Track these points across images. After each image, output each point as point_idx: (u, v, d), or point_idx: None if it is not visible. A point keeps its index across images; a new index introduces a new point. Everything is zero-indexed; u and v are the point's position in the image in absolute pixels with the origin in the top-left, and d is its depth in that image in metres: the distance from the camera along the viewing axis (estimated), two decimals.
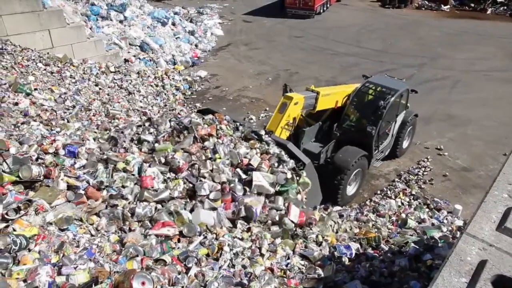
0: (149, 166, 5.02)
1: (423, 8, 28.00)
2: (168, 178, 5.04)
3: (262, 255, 4.01)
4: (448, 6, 27.94)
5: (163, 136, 5.89)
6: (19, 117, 6.62)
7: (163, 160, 5.27)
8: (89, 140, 5.61)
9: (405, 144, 9.90)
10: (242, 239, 4.27)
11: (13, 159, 4.26)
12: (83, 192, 4.21)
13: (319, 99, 8.10)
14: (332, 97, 8.61)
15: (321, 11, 25.50)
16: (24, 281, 2.88)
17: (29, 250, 3.27)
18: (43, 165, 4.33)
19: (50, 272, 2.91)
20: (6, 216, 3.46)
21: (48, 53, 11.51)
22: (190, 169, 5.24)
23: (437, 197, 8.24)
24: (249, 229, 4.60)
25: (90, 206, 4.08)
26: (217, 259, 3.64)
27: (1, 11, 10.53)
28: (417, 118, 9.98)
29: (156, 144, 5.65)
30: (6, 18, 10.66)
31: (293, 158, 6.43)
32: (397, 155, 9.79)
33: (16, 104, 7.08)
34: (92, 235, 3.79)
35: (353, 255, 4.77)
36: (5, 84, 7.47)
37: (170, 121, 6.38)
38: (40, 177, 4.14)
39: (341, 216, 6.90)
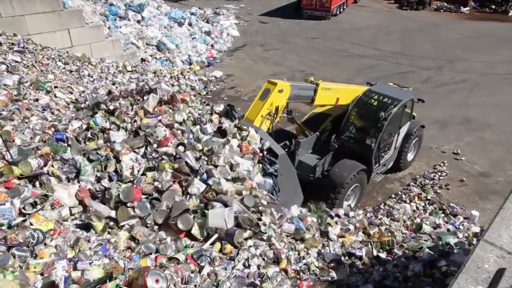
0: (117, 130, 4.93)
1: (442, 10, 27.63)
2: (152, 158, 4.73)
3: (277, 257, 3.99)
4: (468, 8, 27.51)
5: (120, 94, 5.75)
6: (35, 110, 6.74)
7: (129, 127, 5.17)
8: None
9: (410, 156, 9.41)
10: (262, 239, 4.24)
11: (18, 150, 4.32)
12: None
13: (318, 91, 7.61)
14: (333, 92, 8.11)
15: (338, 12, 25.37)
16: (41, 274, 2.94)
17: (45, 245, 3.34)
18: (41, 157, 4.34)
19: (66, 266, 2.96)
20: (23, 210, 3.53)
21: (67, 52, 11.72)
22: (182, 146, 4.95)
23: (453, 202, 8.10)
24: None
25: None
26: (232, 259, 3.65)
27: (24, 11, 10.78)
28: (423, 129, 9.47)
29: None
30: (28, 18, 10.90)
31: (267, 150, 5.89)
32: (401, 168, 9.31)
33: (37, 100, 7.23)
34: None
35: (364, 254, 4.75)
36: (26, 82, 7.63)
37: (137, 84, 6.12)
38: (41, 169, 4.17)
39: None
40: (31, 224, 3.48)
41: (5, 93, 6.48)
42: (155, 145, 4.93)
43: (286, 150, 7.85)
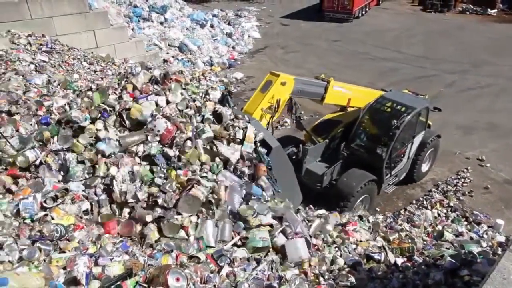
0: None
1: (468, 13, 27.01)
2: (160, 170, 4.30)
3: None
4: (496, 10, 26.82)
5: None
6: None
7: (117, 107, 4.80)
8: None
9: (424, 167, 9.02)
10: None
11: (19, 138, 4.40)
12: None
13: (328, 89, 7.35)
14: (344, 92, 7.85)
15: (360, 15, 25.15)
16: (64, 268, 3.01)
17: (68, 240, 3.41)
18: (38, 148, 4.34)
19: (87, 263, 3.03)
20: (44, 204, 3.62)
21: (92, 52, 11.99)
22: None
23: (477, 210, 7.90)
24: None
25: None
26: (258, 261, 3.65)
27: (52, 13, 11.10)
28: (439, 139, 8.99)
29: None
30: (56, 19, 11.21)
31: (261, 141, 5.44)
32: (414, 180, 8.90)
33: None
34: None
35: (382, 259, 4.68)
36: (55, 81, 7.84)
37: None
38: (39, 159, 4.18)
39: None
40: (52, 218, 3.54)
41: (35, 91, 6.67)
42: (156, 140, 4.51)
43: (294, 157, 7.62)
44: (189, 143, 4.60)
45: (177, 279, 2.79)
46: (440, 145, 9.27)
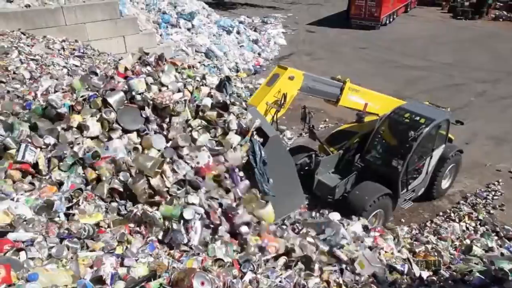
0: None
1: (501, 20, 26.19)
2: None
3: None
4: None
5: None
6: None
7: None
8: None
9: (444, 184, 8.59)
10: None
11: (3, 124, 4.34)
12: None
13: (344, 90, 7.11)
14: (362, 95, 7.57)
15: (387, 22, 24.83)
16: (91, 267, 3.08)
17: (93, 239, 3.49)
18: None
19: (114, 264, 3.09)
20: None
21: (121, 57, 12.32)
22: None
23: (509, 224, 7.59)
24: None
25: None
26: (289, 267, 3.65)
27: (85, 19, 11.52)
28: (461, 154, 8.57)
29: None
30: (88, 25, 11.62)
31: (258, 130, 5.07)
32: (433, 197, 8.48)
33: None
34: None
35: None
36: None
37: None
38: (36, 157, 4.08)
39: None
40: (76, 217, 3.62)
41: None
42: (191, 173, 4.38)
43: (306, 168, 7.51)
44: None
45: (202, 283, 2.82)
46: (470, 156, 9.00)
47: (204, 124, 4.90)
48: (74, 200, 3.76)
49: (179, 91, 4.91)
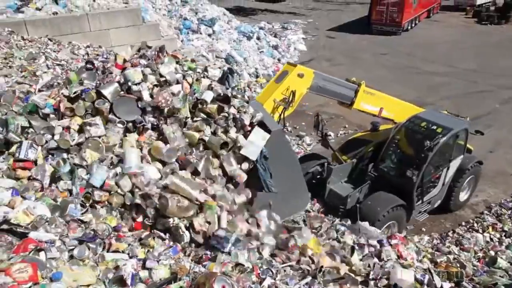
0: None
1: None
2: None
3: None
4: None
5: None
6: None
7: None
8: None
9: (463, 196, 8.26)
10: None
11: None
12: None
13: (359, 92, 6.94)
14: (377, 99, 7.36)
15: (409, 27, 24.54)
16: (115, 268, 3.12)
17: (116, 240, 3.52)
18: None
19: (135, 265, 3.14)
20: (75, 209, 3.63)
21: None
22: None
23: None
24: None
25: None
26: (315, 277, 3.63)
27: (109, 25, 11.83)
28: (481, 166, 8.24)
29: None
30: (112, 31, 11.92)
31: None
32: (451, 209, 8.17)
33: None
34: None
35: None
36: None
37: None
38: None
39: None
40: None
41: None
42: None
43: (318, 176, 7.41)
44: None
45: (223, 287, 2.84)
46: (494, 164, 8.76)
47: (204, 117, 4.65)
48: (87, 205, 3.73)
49: (177, 82, 4.70)
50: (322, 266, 3.86)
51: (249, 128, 4.66)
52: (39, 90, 5.27)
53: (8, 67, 7.70)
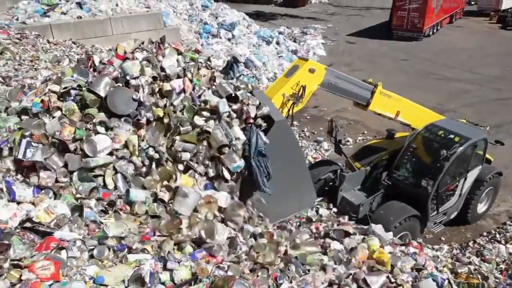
0: None
1: None
2: None
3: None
4: None
5: None
6: None
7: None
8: None
9: (481, 208, 8.03)
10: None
11: None
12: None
13: (375, 93, 6.78)
14: (394, 102, 7.20)
15: (431, 33, 24.16)
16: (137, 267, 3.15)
17: (139, 242, 3.53)
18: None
19: (153, 264, 3.17)
20: (97, 216, 3.63)
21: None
22: None
23: None
24: None
25: None
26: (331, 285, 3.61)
27: (131, 29, 12.09)
28: (501, 177, 8.00)
29: None
30: (134, 35, 12.11)
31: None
32: (468, 221, 7.92)
33: None
34: None
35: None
36: None
37: None
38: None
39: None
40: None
41: None
42: None
43: (331, 183, 7.30)
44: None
45: None
46: None
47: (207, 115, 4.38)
48: (110, 212, 3.71)
49: (178, 77, 4.55)
50: None
51: (252, 121, 4.45)
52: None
53: (33, 69, 7.92)
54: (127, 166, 4.07)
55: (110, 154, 4.05)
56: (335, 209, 6.93)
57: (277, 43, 19.30)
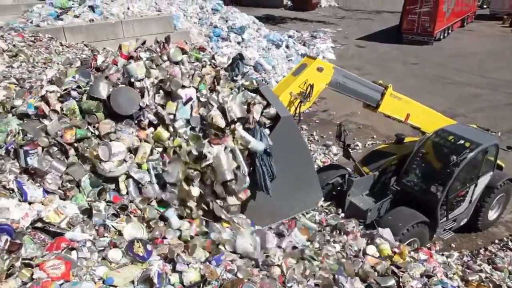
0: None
1: None
2: None
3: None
4: None
5: None
6: None
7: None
8: None
9: (492, 215, 7.87)
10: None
11: None
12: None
13: (386, 95, 6.72)
14: (404, 104, 7.10)
15: (441, 37, 23.98)
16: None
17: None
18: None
19: (161, 265, 3.19)
20: (107, 221, 3.64)
21: None
22: None
23: None
24: None
25: None
26: None
27: (142, 32, 12.20)
28: None
29: None
30: (144, 38, 12.25)
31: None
32: (479, 228, 7.77)
33: None
34: None
35: None
36: None
37: None
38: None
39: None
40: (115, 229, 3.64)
41: None
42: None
43: (339, 188, 7.22)
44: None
45: None
46: None
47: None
48: (121, 216, 3.73)
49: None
50: None
51: (257, 119, 4.36)
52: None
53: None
54: (143, 175, 4.07)
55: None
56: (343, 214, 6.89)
57: (287, 46, 19.31)
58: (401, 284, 4.03)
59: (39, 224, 3.32)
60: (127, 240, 3.38)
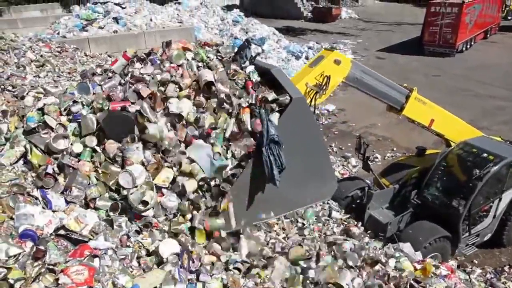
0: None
1: None
2: None
3: None
4: None
5: None
6: None
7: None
8: None
9: None
10: None
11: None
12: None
13: (410, 98, 6.64)
14: (428, 109, 7.01)
15: (464, 49, 23.59)
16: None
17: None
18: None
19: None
20: (130, 235, 3.73)
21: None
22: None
23: None
24: None
25: None
26: None
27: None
28: None
29: None
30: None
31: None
32: (503, 244, 7.50)
33: None
34: None
35: None
36: None
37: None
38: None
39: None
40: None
41: None
42: None
43: (358, 201, 7.11)
44: None
45: None
46: None
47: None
48: (144, 233, 3.79)
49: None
50: None
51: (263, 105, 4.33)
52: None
53: (71, 81, 8.27)
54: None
55: None
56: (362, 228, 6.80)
57: (306, 58, 19.36)
58: None
59: (62, 231, 3.41)
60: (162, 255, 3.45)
